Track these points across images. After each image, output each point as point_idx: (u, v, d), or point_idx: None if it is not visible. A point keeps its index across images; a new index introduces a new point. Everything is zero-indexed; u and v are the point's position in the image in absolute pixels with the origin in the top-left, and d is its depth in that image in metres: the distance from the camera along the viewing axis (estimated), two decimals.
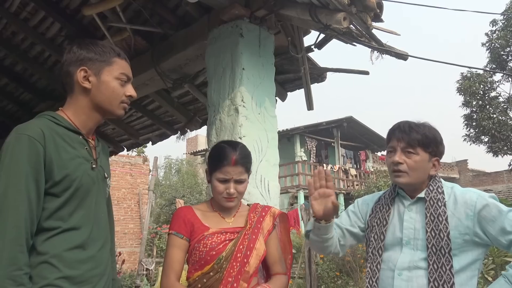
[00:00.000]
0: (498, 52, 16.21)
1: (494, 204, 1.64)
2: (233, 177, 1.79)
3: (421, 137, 1.73)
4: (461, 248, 1.64)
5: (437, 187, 1.74)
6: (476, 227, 1.63)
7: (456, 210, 1.67)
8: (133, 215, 15.99)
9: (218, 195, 1.82)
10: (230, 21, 2.67)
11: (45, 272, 1.32)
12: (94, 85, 1.49)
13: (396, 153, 1.75)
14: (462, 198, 1.68)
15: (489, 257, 4.75)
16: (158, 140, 5.18)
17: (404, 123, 1.80)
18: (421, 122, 1.79)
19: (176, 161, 24.33)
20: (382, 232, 1.78)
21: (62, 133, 1.43)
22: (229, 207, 1.84)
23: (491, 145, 16.50)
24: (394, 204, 1.82)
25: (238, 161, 1.79)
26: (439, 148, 1.76)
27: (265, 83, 2.69)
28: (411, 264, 1.68)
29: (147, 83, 3.60)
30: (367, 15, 2.42)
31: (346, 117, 18.73)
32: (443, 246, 1.62)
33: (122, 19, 3.13)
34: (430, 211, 1.69)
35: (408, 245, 1.71)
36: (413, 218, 1.74)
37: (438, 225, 1.65)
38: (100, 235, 1.50)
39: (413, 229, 1.72)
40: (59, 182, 1.37)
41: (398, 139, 1.76)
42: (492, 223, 1.61)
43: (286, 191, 17.32)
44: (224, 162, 1.79)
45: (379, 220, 1.82)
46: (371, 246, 1.81)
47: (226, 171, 1.78)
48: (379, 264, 1.76)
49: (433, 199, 1.71)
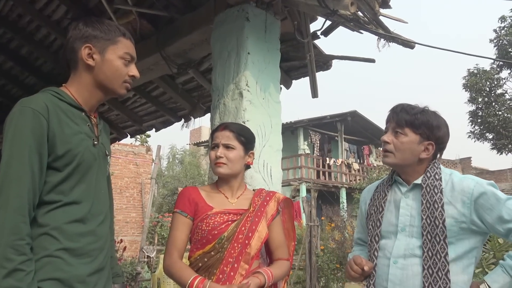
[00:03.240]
0: (506, 49, 16.09)
1: (492, 191, 1.61)
2: (221, 141, 1.86)
3: (410, 117, 1.72)
4: (458, 236, 1.62)
5: (434, 173, 1.71)
6: (473, 214, 1.61)
7: (453, 197, 1.65)
8: (135, 204, 16.05)
9: (211, 163, 1.89)
10: (237, 5, 2.65)
11: (46, 243, 1.33)
12: (97, 63, 1.50)
13: (387, 133, 1.76)
14: (460, 185, 1.66)
15: (490, 251, 4.74)
16: (161, 127, 5.17)
17: (399, 104, 1.79)
18: (417, 105, 1.77)
19: (179, 151, 24.37)
20: (379, 219, 1.78)
21: (65, 108, 1.44)
22: (220, 173, 1.86)
23: (496, 142, 16.46)
24: (390, 191, 1.81)
25: (227, 126, 1.90)
26: (434, 132, 1.72)
27: (270, 68, 2.67)
28: (406, 252, 1.67)
29: (152, 67, 3.59)
30: (375, 1, 2.39)
31: (350, 111, 18.66)
32: (438, 233, 1.61)
33: (129, 1, 3.12)
34: (426, 198, 1.67)
35: (403, 231, 1.70)
36: (409, 205, 1.73)
37: (434, 212, 1.63)
38: (100, 210, 1.51)
39: (409, 216, 1.71)
40: (62, 157, 1.38)
41: (389, 119, 1.78)
42: (490, 211, 1.59)
43: (289, 184, 17.32)
44: (215, 130, 1.94)
45: (376, 207, 1.81)
46: (369, 234, 1.81)
47: (215, 137, 1.90)
48: (376, 251, 1.76)
49: (429, 185, 1.69)
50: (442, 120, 1.77)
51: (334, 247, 8.58)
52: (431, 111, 1.76)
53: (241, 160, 1.88)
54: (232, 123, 2.01)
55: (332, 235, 9.42)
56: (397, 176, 1.82)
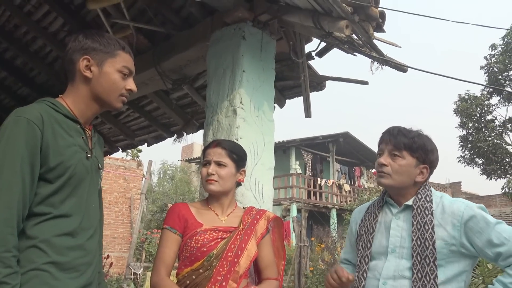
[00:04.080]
0: (496, 76, 16.40)
1: (482, 215, 1.62)
2: (212, 158, 1.85)
3: (408, 141, 1.74)
4: (448, 258, 1.63)
5: (425, 195, 1.73)
6: (462, 238, 1.62)
7: (443, 220, 1.66)
8: (123, 219, 15.84)
9: (202, 180, 1.88)
10: (233, 23, 2.68)
11: (33, 256, 1.31)
12: (95, 75, 1.49)
13: (383, 155, 1.77)
14: (450, 208, 1.67)
15: (479, 276, 4.73)
16: (154, 142, 5.16)
17: (394, 127, 1.81)
18: (412, 128, 1.80)
19: (170, 166, 24.24)
20: (369, 240, 1.78)
21: (60, 120, 1.43)
22: (211, 191, 1.85)
23: (486, 167, 16.60)
24: (381, 212, 1.82)
25: (219, 143, 1.90)
26: (428, 156, 1.75)
27: (264, 86, 2.69)
28: (396, 273, 1.66)
29: (147, 82, 3.60)
30: (369, 25, 2.44)
31: (343, 133, 18.78)
32: (428, 255, 1.61)
33: (126, 16, 3.15)
34: (417, 219, 1.68)
35: (394, 253, 1.70)
36: (400, 226, 1.73)
37: (424, 233, 1.64)
38: (90, 224, 1.48)
39: (399, 237, 1.71)
40: (54, 168, 1.36)
41: (386, 141, 1.78)
42: (479, 234, 1.59)
43: (279, 203, 17.26)
44: (207, 146, 1.94)
45: (367, 228, 1.81)
46: (359, 255, 1.80)
47: (207, 153, 1.89)
48: (365, 272, 1.75)
49: (420, 207, 1.70)
50: (434, 144, 1.81)
51: (324, 268, 8.52)
52: (425, 135, 1.79)
53: (233, 177, 1.88)
54: (224, 140, 2.01)
55: (322, 256, 9.37)
56: (388, 198, 1.83)
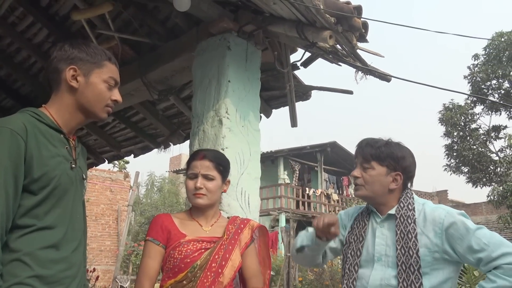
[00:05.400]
0: (479, 85, 16.73)
1: (462, 221, 1.64)
2: (200, 171, 1.82)
3: (375, 151, 1.78)
4: (432, 266, 1.64)
5: (407, 203, 1.75)
6: (445, 244, 1.64)
7: (425, 228, 1.68)
8: (110, 232, 15.62)
9: (188, 193, 1.85)
10: (219, 34, 2.70)
11: (17, 270, 1.27)
12: (81, 85, 1.48)
13: (356, 168, 1.82)
14: (431, 215, 1.69)
15: (466, 283, 4.77)
16: (140, 153, 5.13)
17: (363, 140, 1.86)
18: (381, 138, 1.84)
19: (159, 178, 24.07)
20: (359, 248, 1.79)
21: (43, 130, 1.40)
22: (199, 204, 1.83)
23: (471, 176, 16.83)
24: (369, 220, 1.84)
25: (206, 156, 1.86)
26: (399, 163, 1.77)
27: (250, 96, 2.71)
28: (382, 282, 1.68)
29: (133, 93, 3.59)
30: (352, 35, 2.48)
31: (330, 142, 18.87)
32: (412, 263, 1.62)
33: (111, 27, 3.15)
34: (400, 228, 1.70)
35: (380, 261, 1.72)
36: (384, 235, 1.75)
37: (408, 242, 1.65)
38: (74, 236, 1.45)
39: (384, 245, 1.73)
40: (37, 180, 1.33)
41: (356, 154, 1.84)
42: (460, 241, 1.61)
43: (268, 214, 17.20)
44: (193, 158, 1.89)
45: (356, 237, 1.83)
46: (348, 262, 1.81)
47: (194, 166, 1.85)
48: (355, 280, 1.76)
49: (403, 216, 1.72)
50: (407, 150, 1.83)
51: (313, 279, 8.49)
52: (394, 143, 1.82)
53: (220, 189, 1.87)
54: (209, 151, 1.98)
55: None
56: (370, 206, 1.84)
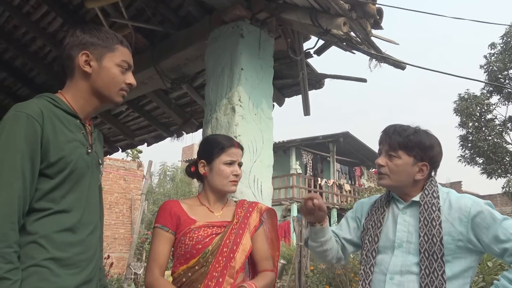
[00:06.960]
0: (496, 75, 16.40)
1: (489, 211, 1.62)
2: (238, 160, 1.87)
3: (403, 140, 1.72)
4: (454, 254, 1.62)
5: (432, 191, 1.72)
6: (469, 233, 1.62)
7: (450, 216, 1.65)
8: (124, 220, 15.84)
9: (224, 179, 1.83)
10: (232, 22, 2.69)
11: (33, 252, 1.30)
12: (94, 70, 1.49)
13: (380, 156, 1.77)
14: (457, 204, 1.66)
15: (480, 274, 4.73)
16: (153, 142, 5.17)
17: (391, 126, 1.80)
18: (409, 126, 1.77)
19: (171, 167, 24.21)
20: (377, 234, 1.77)
21: (60, 115, 1.42)
22: (233, 191, 1.88)
23: (486, 167, 16.59)
24: (389, 207, 1.82)
25: (239, 145, 1.91)
26: (427, 153, 1.72)
27: (263, 84, 2.70)
28: (403, 269, 1.66)
29: (146, 82, 3.61)
30: (367, 22, 2.44)
31: (343, 132, 18.76)
32: (435, 251, 1.60)
33: (125, 16, 3.15)
34: (424, 215, 1.67)
35: (400, 247, 1.70)
36: (406, 221, 1.73)
37: (432, 229, 1.63)
38: (90, 220, 1.48)
39: (406, 232, 1.71)
40: (54, 164, 1.36)
41: (382, 142, 1.78)
42: (486, 230, 1.59)
43: (280, 203, 17.25)
44: (229, 144, 1.87)
45: (374, 222, 1.81)
46: (365, 249, 1.80)
47: (232, 153, 1.85)
48: (373, 266, 1.74)
49: (427, 203, 1.69)
50: (435, 139, 1.77)
51: (324, 268, 8.51)
52: (423, 131, 1.76)
53: None
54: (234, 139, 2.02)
55: None
56: (393, 193, 1.82)
